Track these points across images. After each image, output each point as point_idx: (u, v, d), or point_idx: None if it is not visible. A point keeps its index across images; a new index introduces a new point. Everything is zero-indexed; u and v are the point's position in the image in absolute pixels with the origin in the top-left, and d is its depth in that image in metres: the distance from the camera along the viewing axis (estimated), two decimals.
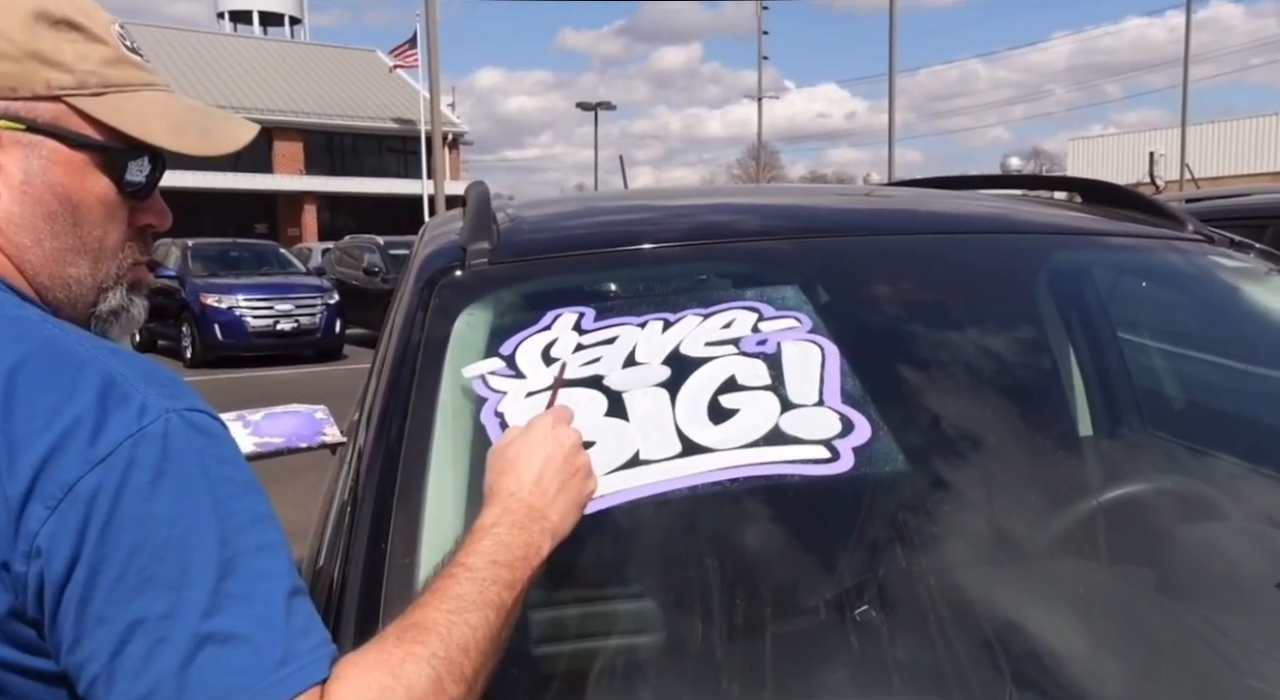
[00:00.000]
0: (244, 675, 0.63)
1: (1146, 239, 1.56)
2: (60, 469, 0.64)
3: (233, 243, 14.90)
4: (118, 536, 0.63)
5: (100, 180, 0.81)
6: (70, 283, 0.81)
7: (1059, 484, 1.23)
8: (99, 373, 0.69)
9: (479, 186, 1.50)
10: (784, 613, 1.00)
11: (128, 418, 0.67)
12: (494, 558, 0.77)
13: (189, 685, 0.62)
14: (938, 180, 2.22)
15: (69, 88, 0.79)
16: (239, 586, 0.65)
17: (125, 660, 0.62)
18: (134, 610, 0.63)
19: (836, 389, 1.04)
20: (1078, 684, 0.94)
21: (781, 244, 1.44)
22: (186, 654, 0.62)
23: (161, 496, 0.65)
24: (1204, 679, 1.00)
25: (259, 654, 0.64)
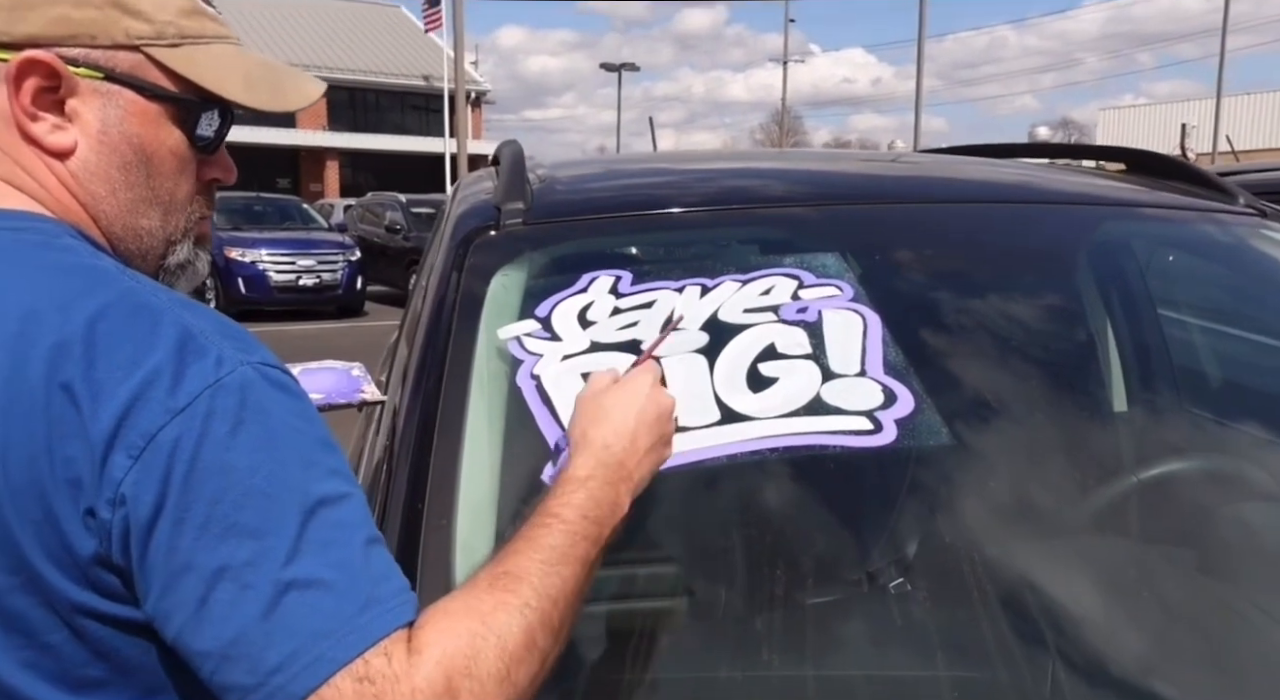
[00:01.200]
0: (328, 619, 0.63)
1: (1195, 212, 1.52)
2: (142, 418, 0.64)
3: (256, 197, 14.91)
4: (200, 485, 0.64)
5: (173, 132, 0.81)
6: (142, 234, 0.81)
7: (1099, 460, 1.22)
8: (176, 324, 0.69)
9: (513, 146, 1.47)
10: (823, 584, 0.99)
11: (205, 369, 0.67)
12: (586, 512, 0.77)
13: (274, 630, 0.62)
14: (971, 148, 2.17)
15: (147, 38, 0.78)
16: (319, 534, 0.65)
17: (212, 607, 0.63)
18: (218, 557, 0.63)
19: (879, 359, 1.02)
20: (1120, 661, 0.93)
21: (821, 211, 1.41)
22: (271, 599, 0.63)
23: (241, 446, 0.65)
24: (1245, 657, 0.98)
25: (342, 599, 0.64)
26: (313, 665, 0.62)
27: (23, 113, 0.75)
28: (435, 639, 0.65)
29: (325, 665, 0.62)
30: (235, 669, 0.63)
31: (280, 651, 0.62)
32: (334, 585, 0.64)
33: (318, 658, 0.62)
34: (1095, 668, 0.93)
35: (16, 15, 0.74)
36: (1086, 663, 0.93)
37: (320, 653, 0.62)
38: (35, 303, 0.67)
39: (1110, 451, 1.29)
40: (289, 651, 0.62)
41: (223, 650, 0.63)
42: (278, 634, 0.62)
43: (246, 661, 0.62)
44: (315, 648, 0.62)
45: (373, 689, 0.62)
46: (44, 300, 0.68)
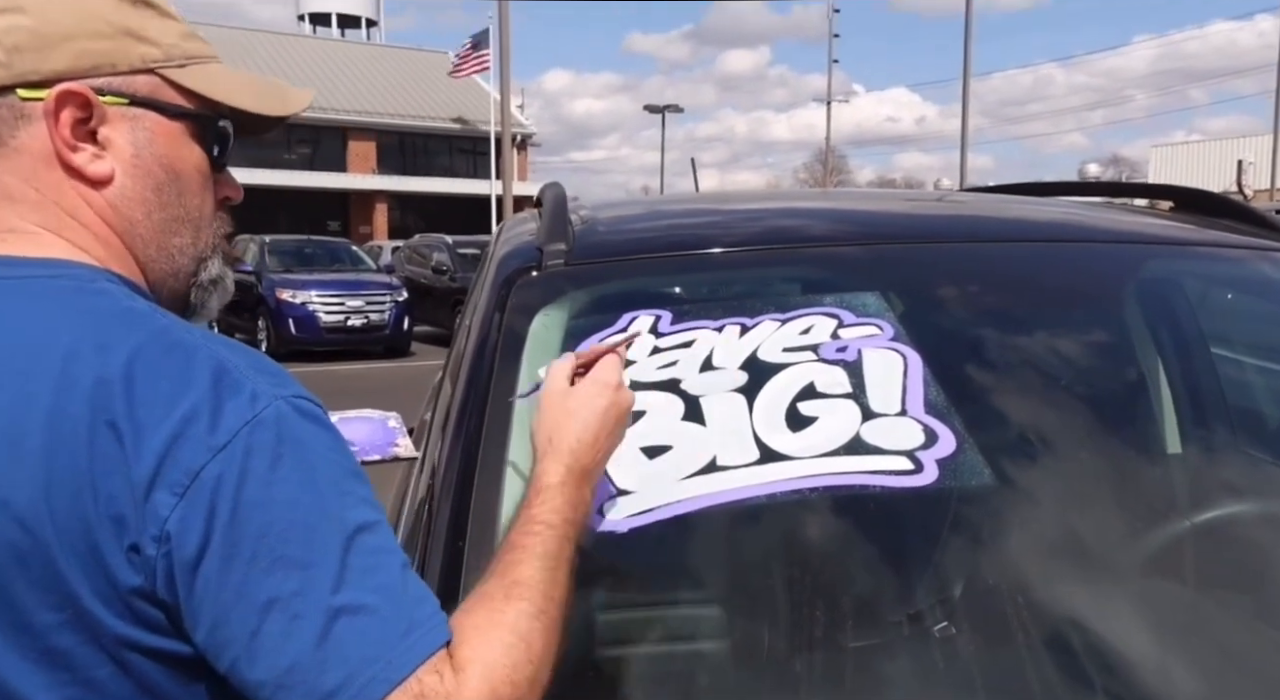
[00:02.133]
0: (377, 645, 0.66)
1: (1244, 249, 1.49)
2: (184, 456, 0.66)
3: (307, 239, 15.28)
4: (246, 521, 0.66)
5: (195, 149, 0.84)
6: (174, 253, 0.84)
7: (1149, 501, 1.19)
8: (210, 360, 0.71)
9: (555, 188, 1.50)
10: (864, 626, 0.98)
11: (241, 405, 0.69)
12: (566, 516, 0.81)
13: (328, 656, 0.65)
14: (1016, 187, 2.16)
15: (159, 61, 0.82)
16: (361, 561, 0.68)
17: (264, 638, 0.65)
18: (267, 589, 0.65)
19: (920, 399, 1.02)
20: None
21: (861, 250, 1.41)
22: (322, 627, 0.65)
23: (281, 480, 0.67)
24: None
25: (387, 623, 0.67)
26: (368, 686, 0.64)
27: (64, 145, 0.78)
28: (475, 654, 0.68)
29: (380, 686, 0.65)
30: (292, 696, 0.65)
31: (336, 676, 0.64)
32: (378, 610, 0.67)
33: (372, 679, 0.65)
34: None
35: (43, 54, 0.77)
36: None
37: (374, 674, 0.65)
38: (75, 344, 0.69)
39: (1162, 492, 1.26)
40: (344, 676, 0.64)
41: (278, 679, 0.65)
42: (332, 660, 0.65)
43: (303, 688, 0.64)
44: (369, 670, 0.65)
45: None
46: (83, 341, 0.70)
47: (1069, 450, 1.17)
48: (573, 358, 0.93)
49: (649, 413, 1.02)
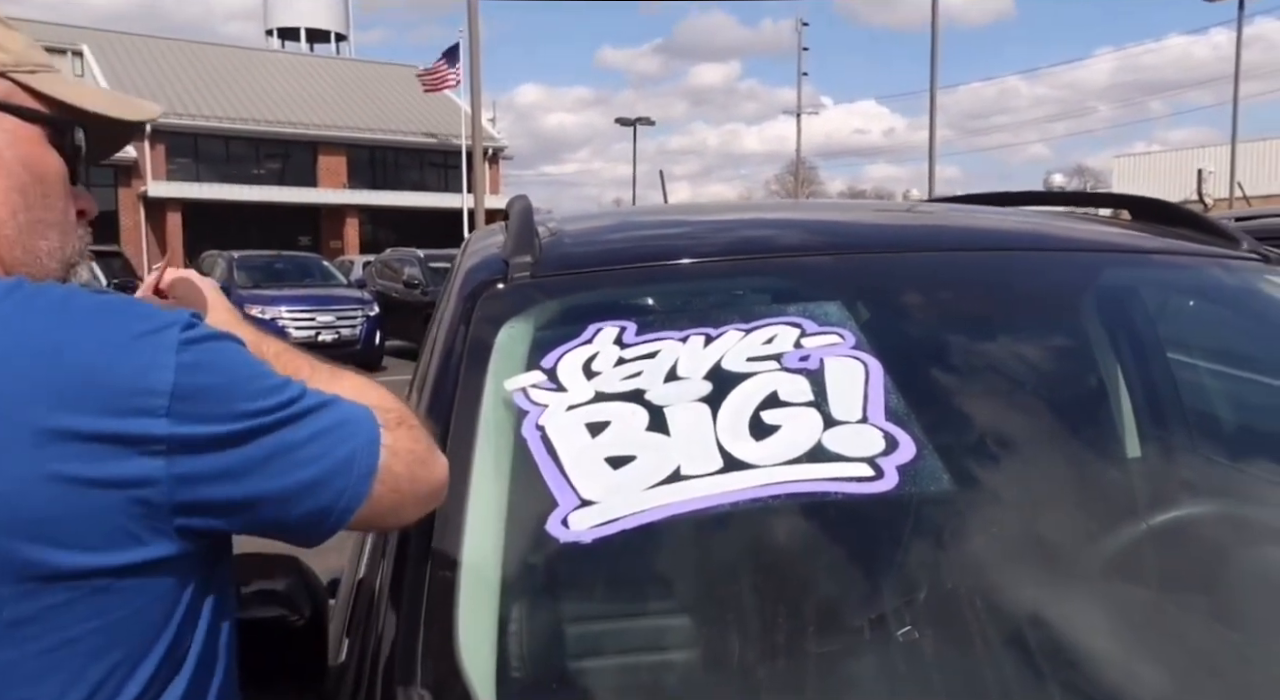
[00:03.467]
0: (355, 420, 0.83)
1: (1199, 257, 1.53)
2: (147, 381, 0.72)
3: (276, 255, 15.15)
4: (225, 395, 0.76)
5: (53, 154, 0.85)
6: (42, 256, 0.85)
7: (1106, 505, 1.21)
8: (112, 297, 0.76)
9: (521, 200, 1.51)
10: (827, 632, 0.99)
11: (163, 325, 0.75)
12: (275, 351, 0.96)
13: (339, 439, 0.81)
14: (981, 196, 2.19)
15: (10, 66, 0.83)
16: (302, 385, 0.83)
17: (297, 451, 0.79)
18: (273, 427, 0.78)
19: (880, 406, 1.03)
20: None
21: (824, 260, 1.43)
22: (323, 424, 0.81)
23: (227, 362, 0.78)
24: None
25: (342, 407, 0.84)
26: (368, 448, 0.81)
27: None
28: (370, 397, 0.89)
29: (375, 443, 0.82)
30: (338, 478, 0.80)
31: (345, 450, 0.81)
32: (336, 403, 0.83)
33: (369, 441, 0.82)
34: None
35: None
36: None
37: (365, 439, 0.82)
38: None
39: (1122, 496, 1.28)
40: (350, 449, 0.81)
41: (324, 473, 0.79)
42: (342, 441, 0.81)
43: (335, 469, 0.80)
44: (360, 438, 0.82)
45: (406, 423, 0.86)
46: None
47: (1029, 455, 1.19)
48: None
49: (613, 423, 1.03)
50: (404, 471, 0.83)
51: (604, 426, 1.02)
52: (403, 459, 0.83)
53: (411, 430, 0.86)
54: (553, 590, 0.98)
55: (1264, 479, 1.36)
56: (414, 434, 0.86)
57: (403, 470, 0.83)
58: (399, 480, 0.83)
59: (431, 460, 0.87)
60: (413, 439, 0.85)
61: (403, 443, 0.84)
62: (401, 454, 0.83)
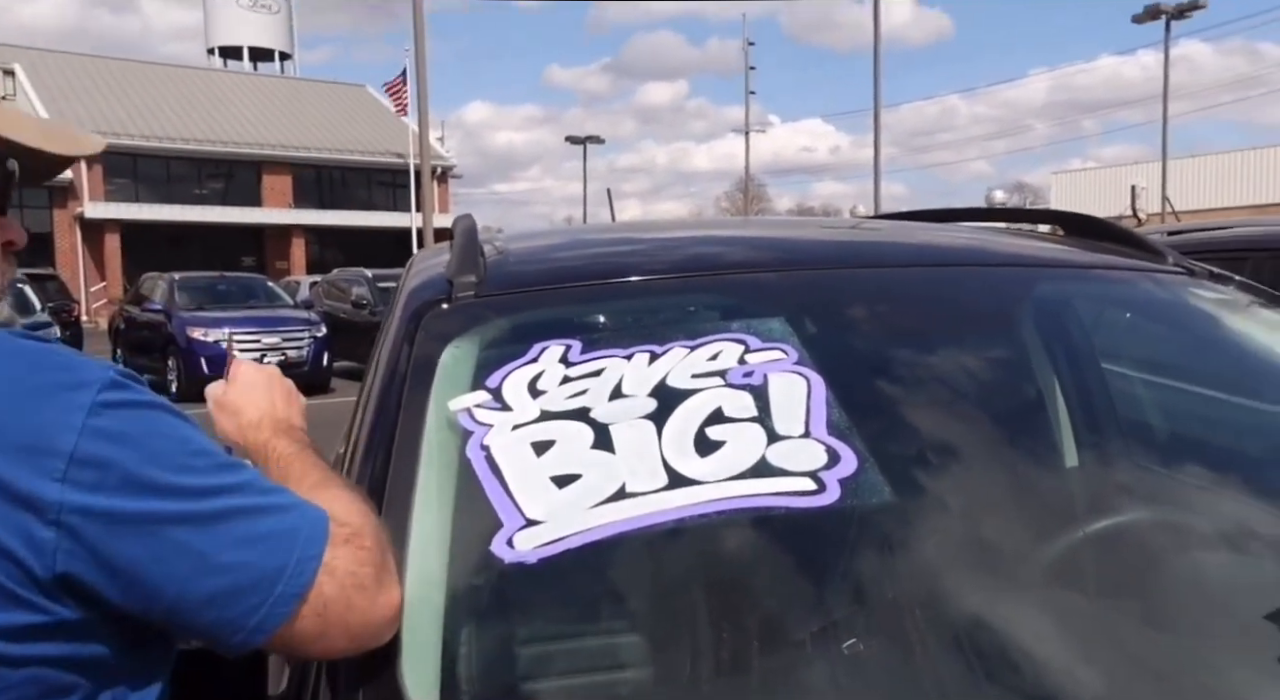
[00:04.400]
0: (291, 533, 0.77)
1: (1128, 271, 1.57)
2: (50, 442, 0.68)
3: (220, 276, 14.88)
4: (136, 475, 0.70)
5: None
6: None
7: (1045, 514, 1.23)
8: (34, 347, 0.72)
9: (466, 220, 1.50)
10: (772, 646, 0.99)
11: (82, 382, 0.71)
12: (287, 448, 0.97)
13: (264, 553, 0.75)
14: (924, 213, 2.24)
15: None
16: (239, 476, 0.79)
17: (199, 559, 0.73)
18: (180, 524, 0.73)
19: (823, 420, 1.04)
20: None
21: (767, 276, 1.44)
22: (244, 534, 0.75)
23: (149, 432, 0.73)
24: None
25: (287, 513, 0.79)
26: (303, 563, 0.75)
27: None
28: (344, 509, 0.83)
29: (312, 561, 0.76)
30: (245, 597, 0.73)
31: (275, 562, 0.74)
32: (272, 508, 0.77)
33: (302, 557, 0.75)
34: None
35: None
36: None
37: (302, 554, 0.75)
38: None
39: (1060, 504, 1.31)
40: (280, 562, 0.74)
41: (228, 587, 0.73)
42: (271, 553, 0.74)
43: (249, 586, 0.73)
44: (295, 553, 0.75)
45: (354, 543, 0.79)
46: None
47: (969, 466, 1.21)
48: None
49: (558, 442, 1.02)
50: (336, 596, 0.75)
51: (549, 445, 1.02)
52: (339, 581, 0.75)
53: (360, 551, 0.78)
54: (499, 611, 0.98)
55: (1194, 485, 1.41)
56: (361, 556, 0.78)
57: (335, 594, 0.75)
58: (329, 605, 0.75)
59: (376, 589, 0.78)
60: (358, 561, 0.77)
61: (344, 563, 0.76)
62: (339, 575, 0.75)
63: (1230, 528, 1.28)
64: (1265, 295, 1.59)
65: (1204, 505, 1.33)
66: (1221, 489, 1.36)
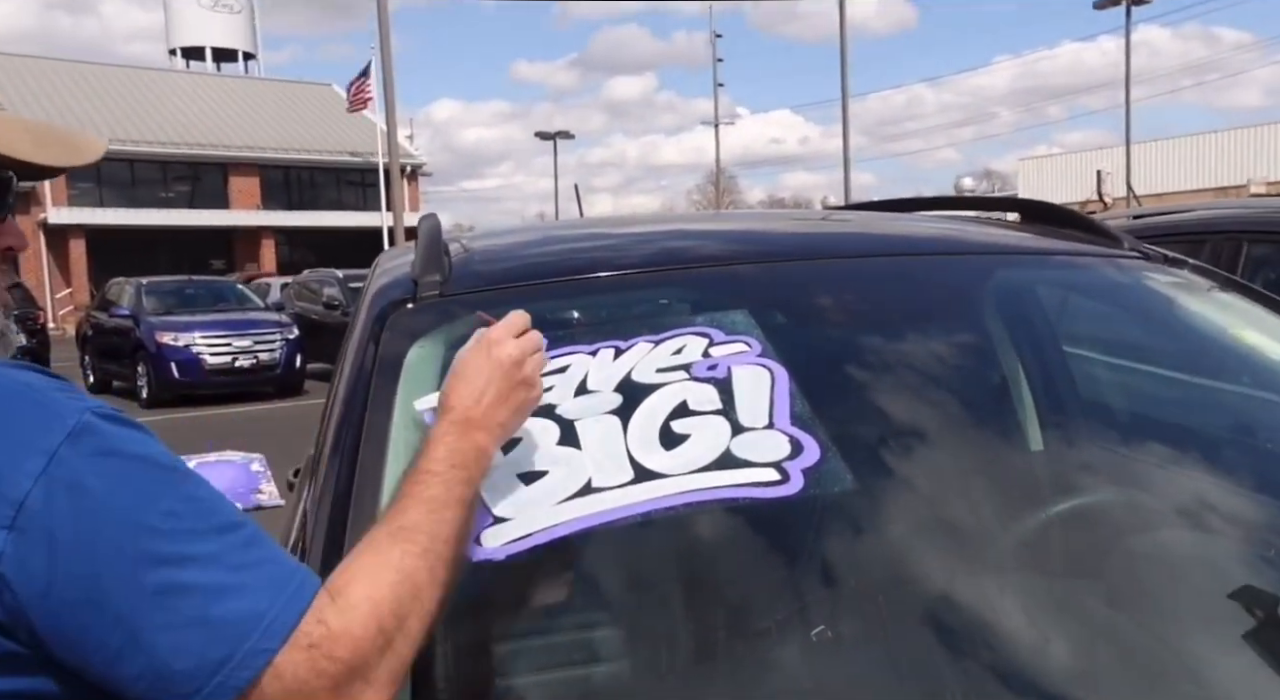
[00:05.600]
0: (253, 616, 0.69)
1: (1085, 257, 1.60)
2: (2, 488, 0.65)
3: (188, 280, 14.73)
4: (87, 536, 0.66)
5: None
6: None
7: (1010, 497, 1.25)
8: (9, 384, 0.70)
9: (430, 219, 1.50)
10: (741, 635, 1.00)
11: (50, 423, 0.68)
12: (452, 462, 0.86)
13: (209, 637, 0.68)
14: (890, 203, 2.26)
15: None
16: (213, 544, 0.71)
17: (139, 635, 0.68)
18: (126, 592, 0.67)
19: (786, 411, 1.05)
20: (1033, 697, 0.95)
21: (730, 269, 1.45)
22: (196, 613, 0.69)
23: (111, 488, 0.68)
24: (1156, 687, 1.01)
25: (259, 592, 0.71)
26: (252, 655, 0.68)
27: None
28: (364, 592, 0.74)
29: (265, 649, 0.68)
30: (175, 683, 0.67)
31: (220, 651, 0.67)
32: (245, 584, 0.70)
33: (254, 649, 0.68)
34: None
35: None
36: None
37: (255, 644, 0.68)
38: None
39: (1025, 486, 1.33)
40: (227, 650, 0.67)
41: (157, 670, 0.66)
42: (214, 638, 0.68)
43: (184, 674, 0.67)
44: (250, 640, 0.68)
45: (320, 651, 0.70)
46: None
47: (933, 452, 1.23)
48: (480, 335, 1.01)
49: (524, 438, 1.03)
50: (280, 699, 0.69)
51: (515, 442, 1.02)
52: (285, 686, 0.69)
53: (322, 661, 0.70)
54: (468, 609, 0.98)
55: (1156, 464, 1.43)
56: (320, 667, 0.70)
57: (278, 697, 0.69)
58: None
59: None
60: (314, 672, 0.69)
61: (295, 670, 0.69)
62: (287, 681, 0.69)
63: (1192, 506, 1.31)
64: (1218, 277, 1.62)
65: (1164, 485, 1.36)
66: (1181, 468, 1.39)
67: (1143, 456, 1.50)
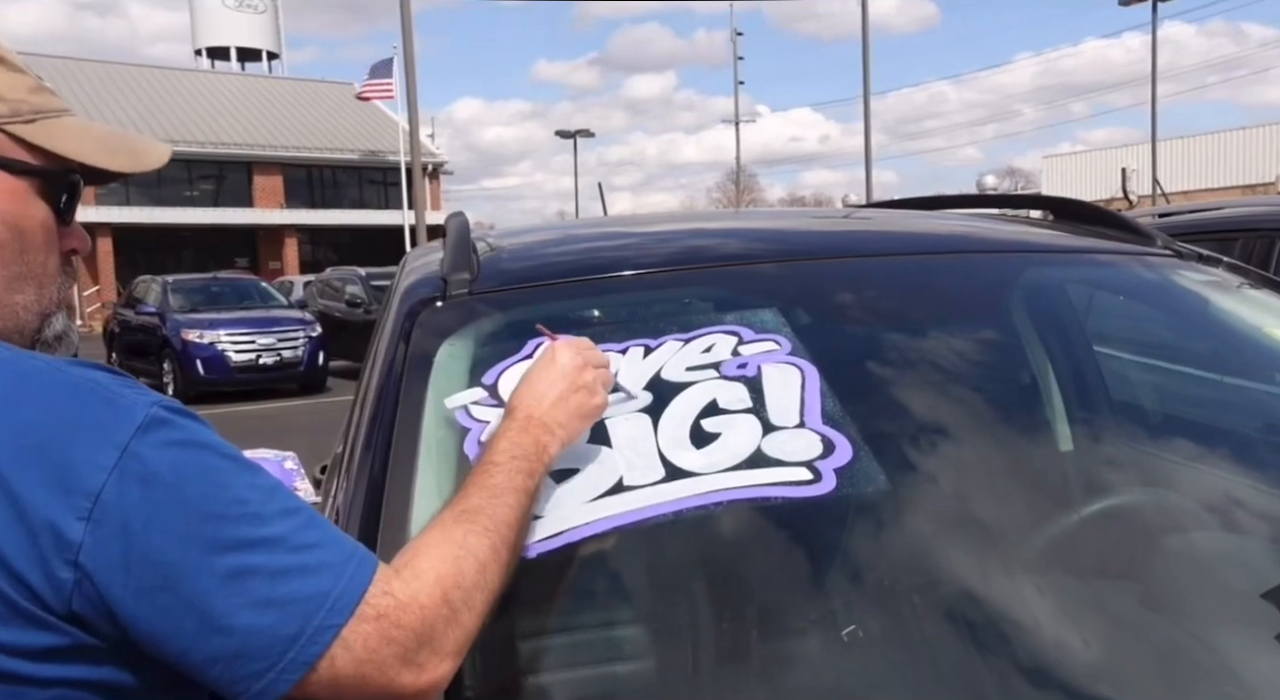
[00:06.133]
0: (319, 594, 0.72)
1: (1117, 255, 1.58)
2: (78, 480, 0.67)
3: (213, 278, 14.85)
4: (160, 525, 0.69)
5: (40, 206, 0.83)
6: (18, 310, 0.82)
7: (1040, 498, 1.24)
8: (79, 381, 0.72)
9: (458, 217, 1.51)
10: (771, 635, 1.00)
11: (120, 419, 0.70)
12: (512, 454, 0.91)
13: (280, 616, 0.72)
14: (914, 201, 2.25)
15: (4, 116, 0.80)
16: (278, 527, 0.74)
17: (214, 618, 0.71)
18: (200, 577, 0.70)
19: (817, 410, 1.05)
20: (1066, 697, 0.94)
21: (759, 267, 1.45)
22: (265, 594, 0.72)
23: (182, 479, 0.70)
24: (1191, 688, 1.00)
25: (324, 571, 0.74)
26: (321, 630, 0.71)
27: None
28: (429, 564, 0.78)
29: (336, 618, 0.72)
30: (250, 662, 0.70)
31: (290, 628, 0.70)
32: (309, 565, 0.73)
33: (323, 624, 0.72)
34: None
35: None
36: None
37: (324, 619, 0.72)
38: None
39: (1055, 487, 1.32)
40: (298, 626, 0.71)
41: (236, 649, 0.70)
42: (285, 616, 0.71)
43: (261, 650, 0.70)
44: (319, 615, 0.72)
45: (389, 620, 0.73)
46: None
47: (964, 452, 1.22)
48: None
49: None
50: (350, 671, 0.72)
51: None
52: (355, 657, 0.72)
53: (392, 630, 0.73)
54: (499, 606, 0.98)
55: (1187, 465, 1.42)
56: (391, 635, 0.73)
57: (349, 669, 0.72)
58: (340, 678, 0.72)
59: (399, 669, 0.74)
60: (383, 641, 0.73)
61: (363, 641, 0.72)
62: (356, 652, 0.72)
63: (1223, 506, 1.29)
64: (1253, 276, 1.60)
65: (1197, 484, 1.34)
66: (1213, 468, 1.37)
67: (1175, 456, 1.49)
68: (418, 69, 14.93)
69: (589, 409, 1.00)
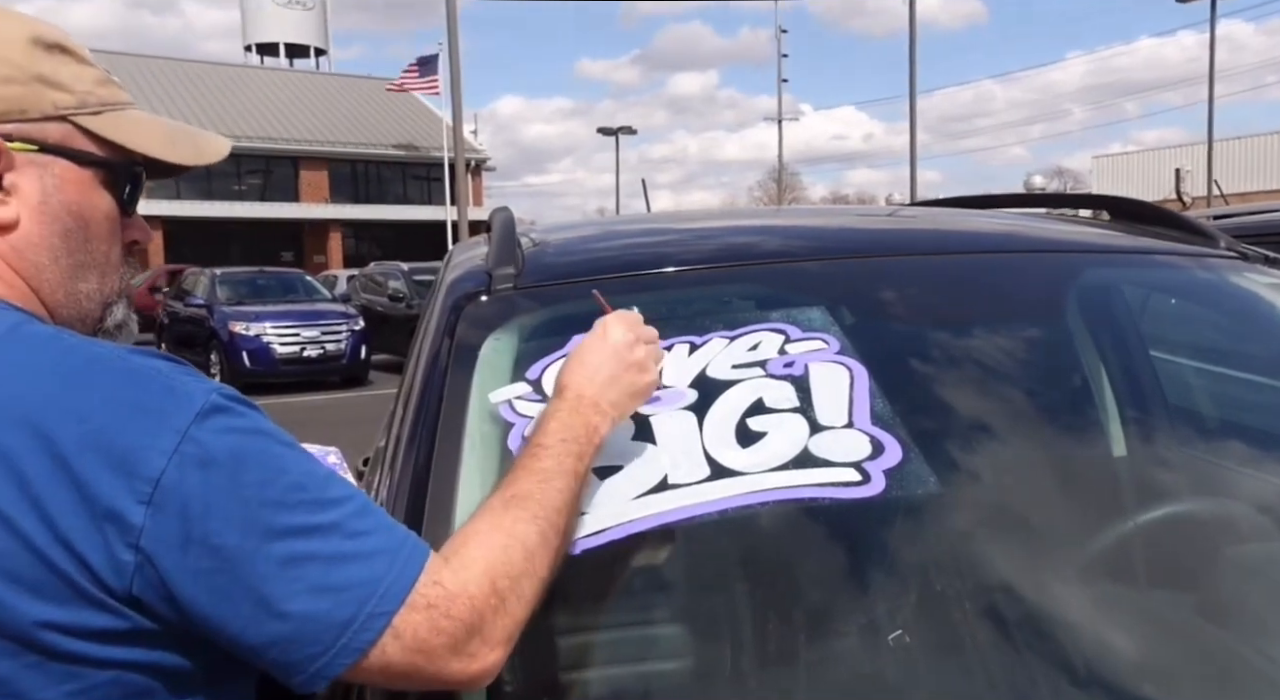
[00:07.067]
0: (372, 580, 0.73)
1: (1178, 256, 1.54)
2: (139, 465, 0.68)
3: (259, 271, 15.09)
4: (219, 510, 0.70)
5: (105, 196, 0.84)
6: (81, 298, 0.84)
7: (1093, 504, 1.21)
8: (141, 367, 0.73)
9: (504, 212, 1.50)
10: (817, 638, 0.98)
11: (180, 405, 0.71)
12: (562, 436, 0.89)
13: (334, 602, 0.73)
14: (962, 200, 2.21)
15: (72, 108, 0.82)
16: (333, 514, 0.75)
17: (270, 603, 0.72)
18: (256, 562, 0.71)
19: (866, 411, 1.03)
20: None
21: (807, 265, 1.43)
22: (319, 579, 0.72)
23: (240, 464, 0.71)
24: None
25: (376, 558, 0.74)
26: (373, 617, 0.72)
27: None
28: (478, 553, 0.78)
29: (387, 606, 0.72)
30: (304, 646, 0.71)
31: (344, 613, 0.71)
32: (362, 551, 0.74)
33: (375, 611, 0.72)
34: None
35: None
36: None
37: (376, 606, 0.72)
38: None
39: (1108, 495, 1.29)
40: (351, 612, 0.72)
41: (290, 634, 0.71)
42: (338, 602, 0.71)
43: (313, 636, 0.71)
44: (371, 602, 0.72)
45: (439, 610, 0.74)
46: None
47: (1015, 456, 1.19)
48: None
49: None
50: (400, 658, 0.73)
51: None
52: (404, 645, 0.73)
53: (442, 620, 0.74)
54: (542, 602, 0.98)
55: (1245, 473, 1.37)
56: (441, 625, 0.74)
57: (398, 657, 0.73)
58: (391, 664, 0.73)
59: (449, 658, 0.74)
60: (432, 631, 0.73)
61: (414, 630, 0.73)
62: (406, 640, 0.73)
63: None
64: None
65: (1254, 493, 1.30)
66: (1273, 477, 1.33)
67: (1233, 465, 1.44)
68: (462, 65, 15.04)
69: (641, 387, 0.98)
